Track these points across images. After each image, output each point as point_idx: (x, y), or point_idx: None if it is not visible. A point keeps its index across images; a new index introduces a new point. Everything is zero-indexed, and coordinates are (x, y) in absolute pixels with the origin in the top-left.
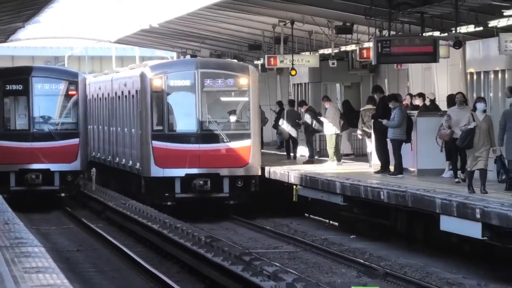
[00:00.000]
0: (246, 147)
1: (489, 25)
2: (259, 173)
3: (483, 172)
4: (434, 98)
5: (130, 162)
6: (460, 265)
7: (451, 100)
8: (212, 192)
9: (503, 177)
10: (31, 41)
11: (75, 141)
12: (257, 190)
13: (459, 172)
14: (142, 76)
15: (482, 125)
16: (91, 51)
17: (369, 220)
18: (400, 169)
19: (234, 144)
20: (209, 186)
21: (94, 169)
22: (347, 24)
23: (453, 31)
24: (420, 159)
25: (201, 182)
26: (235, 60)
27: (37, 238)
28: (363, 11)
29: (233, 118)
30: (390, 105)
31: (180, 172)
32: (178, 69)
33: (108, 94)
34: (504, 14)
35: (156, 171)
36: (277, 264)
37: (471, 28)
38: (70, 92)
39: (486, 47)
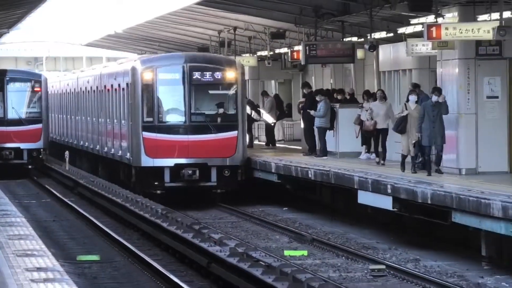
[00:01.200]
0: (233, 138)
1: (399, 32)
2: (245, 163)
3: (414, 156)
4: (353, 93)
5: (120, 152)
6: (374, 232)
7: (367, 94)
8: (200, 181)
9: (420, 159)
10: (15, 44)
11: (39, 126)
12: (243, 178)
13: (373, 155)
14: (133, 70)
15: (414, 114)
16: (65, 53)
17: (299, 195)
18: (325, 152)
19: (222, 135)
20: (198, 176)
21: (67, 152)
22: (280, 30)
23: (369, 37)
24: (341, 144)
25: (190, 172)
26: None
27: (19, 210)
28: (294, 20)
29: (220, 110)
30: (317, 98)
31: (169, 162)
32: (167, 63)
33: (97, 87)
34: (411, 22)
35: (146, 161)
36: (222, 232)
37: (383, 34)
38: (35, 89)
39: (396, 50)
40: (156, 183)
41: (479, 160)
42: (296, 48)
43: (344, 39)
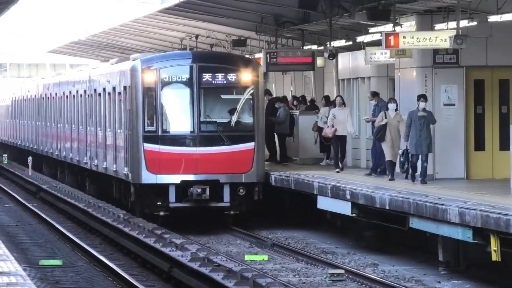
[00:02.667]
0: (249, 151)
1: (357, 40)
2: (263, 180)
3: (390, 163)
4: (312, 99)
5: (115, 166)
6: (333, 237)
7: (326, 100)
8: (211, 201)
9: (406, 167)
10: None
11: None
12: (261, 198)
13: (331, 160)
14: (133, 71)
15: (393, 122)
16: (28, 59)
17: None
18: (285, 158)
19: (236, 147)
20: (208, 195)
21: (30, 157)
22: (242, 38)
23: (328, 45)
24: (301, 150)
25: (199, 190)
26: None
27: None
28: (255, 28)
29: (234, 118)
30: (276, 105)
31: (175, 178)
32: (173, 62)
33: (85, 92)
34: (370, 31)
35: (148, 178)
36: (184, 237)
37: (342, 43)
38: None
39: (355, 58)
40: (159, 203)
41: (436, 167)
42: (257, 55)
43: (304, 47)
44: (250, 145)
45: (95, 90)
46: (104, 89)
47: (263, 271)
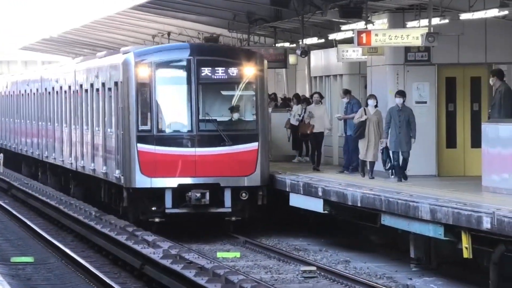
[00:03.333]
0: (252, 151)
1: (329, 38)
2: (267, 183)
3: (371, 162)
4: (285, 97)
5: (104, 168)
6: (306, 234)
7: (296, 97)
8: (210, 207)
9: (389, 165)
10: None
11: None
12: (265, 203)
13: (306, 158)
14: (125, 65)
15: (373, 118)
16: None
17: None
18: None
19: (238, 148)
20: (208, 200)
21: (1, 154)
22: (214, 35)
23: (300, 43)
24: (274, 147)
25: (198, 195)
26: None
27: None
28: (227, 25)
29: (235, 116)
30: None
31: (172, 182)
32: (169, 55)
33: (69, 88)
34: (342, 29)
35: (142, 181)
36: (155, 234)
37: (314, 40)
38: None
39: (327, 56)
40: (154, 209)
41: (408, 164)
42: None
43: (277, 45)
44: (253, 145)
45: (81, 86)
46: (91, 85)
47: (235, 268)
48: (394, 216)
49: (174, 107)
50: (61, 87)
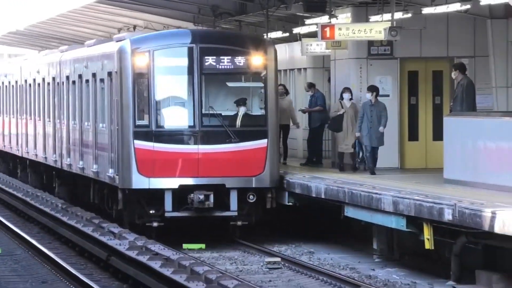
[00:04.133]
0: (261, 149)
1: (294, 32)
2: (277, 184)
3: (351, 155)
4: None
5: (95, 167)
6: (273, 228)
7: None
8: (215, 210)
9: (361, 156)
10: None
11: None
12: (274, 206)
13: None
14: (121, 53)
15: (349, 111)
16: None
17: None
18: None
19: (245, 145)
20: (212, 202)
21: None
22: (179, 29)
23: (265, 36)
24: None
25: (201, 197)
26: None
27: None
28: (192, 19)
29: (242, 110)
30: None
31: (172, 182)
32: (169, 43)
33: (53, 79)
34: (306, 23)
35: (139, 181)
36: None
37: (279, 34)
38: None
39: (291, 50)
40: (152, 212)
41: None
42: None
43: None
44: (262, 142)
45: (67, 77)
46: (79, 76)
47: (200, 259)
48: (358, 208)
49: (174, 100)
50: (43, 79)
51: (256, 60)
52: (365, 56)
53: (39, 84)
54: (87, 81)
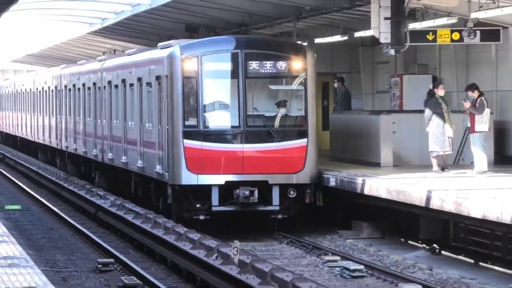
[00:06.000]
0: (301, 148)
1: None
2: (316, 181)
3: None
4: None
5: (140, 162)
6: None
7: None
8: (259, 205)
9: None
10: None
11: None
12: (312, 201)
13: None
14: (171, 58)
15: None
16: None
17: None
18: None
19: (287, 144)
20: (256, 198)
21: None
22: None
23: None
24: None
25: (246, 193)
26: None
27: None
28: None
29: (282, 111)
30: None
31: (219, 179)
32: (216, 48)
33: (94, 84)
34: None
35: (188, 178)
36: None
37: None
38: None
39: None
40: (199, 206)
41: None
42: None
43: None
44: (303, 141)
45: (109, 82)
46: (123, 81)
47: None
48: None
49: (221, 102)
50: (83, 84)
51: (296, 65)
52: None
53: (78, 89)
54: (131, 85)
